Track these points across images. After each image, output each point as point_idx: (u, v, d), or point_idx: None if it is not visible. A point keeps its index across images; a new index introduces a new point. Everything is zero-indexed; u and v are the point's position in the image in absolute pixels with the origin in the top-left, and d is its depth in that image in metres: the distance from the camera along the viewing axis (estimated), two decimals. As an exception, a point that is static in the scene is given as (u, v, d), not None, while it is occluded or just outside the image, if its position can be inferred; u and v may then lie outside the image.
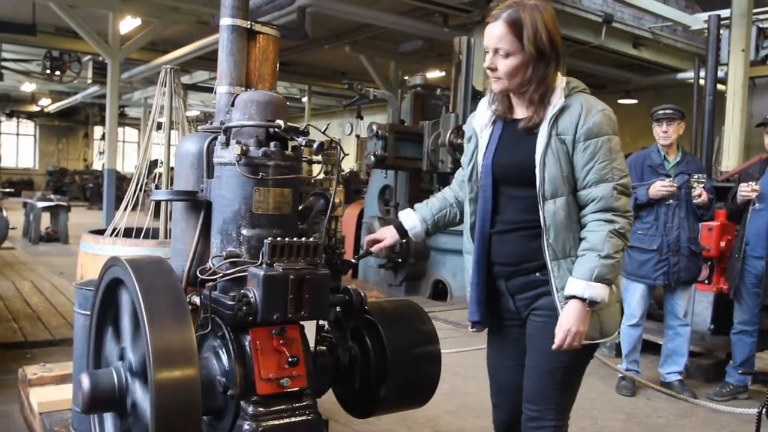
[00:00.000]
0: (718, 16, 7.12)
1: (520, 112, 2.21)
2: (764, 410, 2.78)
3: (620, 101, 16.16)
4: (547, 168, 2.09)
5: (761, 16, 10.15)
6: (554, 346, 2.08)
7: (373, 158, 7.57)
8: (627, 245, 2.14)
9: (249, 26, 2.58)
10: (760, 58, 9.73)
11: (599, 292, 2.05)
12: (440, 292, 7.91)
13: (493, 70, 2.14)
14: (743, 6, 8.65)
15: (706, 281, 5.36)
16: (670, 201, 4.52)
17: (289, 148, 2.44)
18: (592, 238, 2.08)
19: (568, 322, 2.06)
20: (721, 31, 8.48)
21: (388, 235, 2.56)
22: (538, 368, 2.21)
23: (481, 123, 2.28)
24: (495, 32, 2.11)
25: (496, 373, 2.45)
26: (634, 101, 16.29)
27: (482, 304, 2.29)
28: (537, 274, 2.19)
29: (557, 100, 2.12)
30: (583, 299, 2.05)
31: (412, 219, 2.54)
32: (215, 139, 2.47)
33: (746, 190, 4.40)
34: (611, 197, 2.08)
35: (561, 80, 2.16)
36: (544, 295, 2.18)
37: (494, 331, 2.43)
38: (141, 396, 2.16)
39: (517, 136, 2.18)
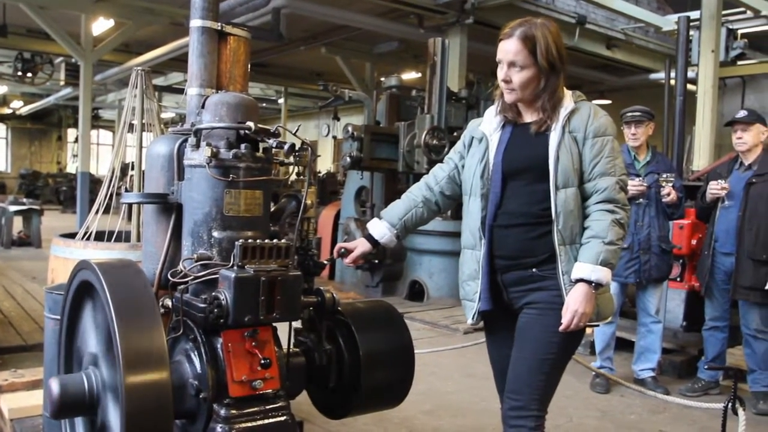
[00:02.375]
0: (688, 17, 7.22)
1: (529, 117, 2.42)
2: (730, 405, 2.83)
3: (594, 102, 16.29)
4: (561, 161, 2.29)
5: (731, 18, 10.34)
6: (562, 327, 2.23)
7: (348, 159, 7.56)
8: (625, 235, 2.35)
9: (219, 28, 2.58)
10: (729, 59, 9.91)
11: (604, 275, 2.24)
12: (417, 292, 7.93)
13: (508, 82, 2.34)
14: (713, 7, 8.79)
15: (678, 279, 5.44)
16: (641, 200, 4.59)
17: (261, 150, 2.44)
18: (597, 226, 2.27)
19: (575, 304, 2.22)
20: (692, 33, 8.61)
21: (359, 244, 2.60)
22: (528, 358, 2.31)
23: (490, 127, 2.47)
24: (510, 48, 2.31)
25: (497, 362, 2.55)
26: (608, 102, 16.45)
27: (492, 293, 2.42)
28: (534, 269, 2.34)
29: (568, 103, 2.36)
30: (589, 282, 2.22)
31: (380, 228, 2.61)
32: (186, 141, 2.46)
33: (716, 188, 4.47)
34: (614, 190, 2.29)
35: (566, 91, 2.41)
36: (538, 290, 2.33)
37: (492, 322, 2.54)
38: (112, 400, 2.14)
39: (528, 136, 2.38)
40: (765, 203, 4.36)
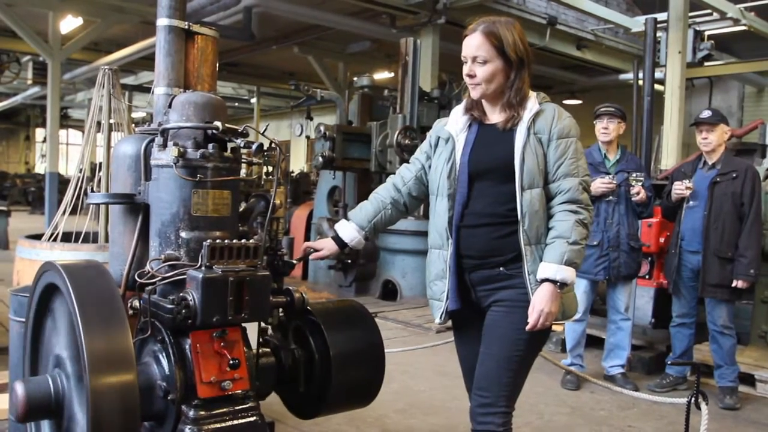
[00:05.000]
0: (655, 19, 7.33)
1: (494, 117, 2.42)
2: (693, 400, 2.88)
3: (565, 102, 16.49)
4: (526, 161, 2.30)
5: (698, 19, 10.50)
6: (528, 327, 2.25)
7: (321, 159, 7.55)
8: (589, 234, 2.37)
9: (186, 27, 2.56)
10: (696, 60, 10.06)
11: (569, 274, 2.27)
12: (390, 292, 7.94)
13: (472, 76, 2.35)
14: (680, 9, 8.93)
15: (647, 276, 5.51)
16: (610, 198, 4.64)
17: (229, 150, 2.43)
18: (561, 227, 2.30)
19: (541, 303, 2.24)
20: (660, 34, 8.73)
21: (326, 246, 2.60)
22: (496, 355, 2.32)
23: (457, 127, 2.46)
24: (473, 42, 2.34)
25: (466, 360, 2.56)
26: (579, 102, 16.63)
27: (460, 292, 2.43)
28: (501, 268, 2.36)
29: (533, 105, 2.37)
30: (554, 281, 2.25)
31: (349, 230, 2.59)
32: (153, 141, 2.44)
33: (680, 188, 4.54)
34: (577, 190, 2.32)
35: (531, 93, 2.42)
36: (505, 288, 2.36)
37: (460, 321, 2.56)
38: (78, 402, 2.12)
39: (494, 136, 2.40)
40: (729, 202, 4.44)
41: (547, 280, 2.26)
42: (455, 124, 2.48)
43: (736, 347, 4.60)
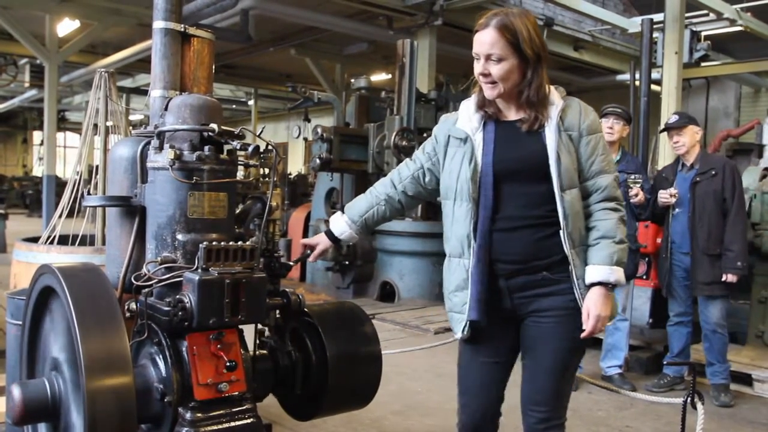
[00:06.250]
0: (651, 19, 7.34)
1: (511, 114, 2.28)
2: (689, 399, 2.89)
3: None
4: (562, 162, 2.18)
5: (694, 20, 10.53)
6: (585, 334, 2.17)
7: (318, 161, 7.55)
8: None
9: (182, 29, 2.57)
10: (693, 60, 10.08)
11: (620, 275, 2.19)
12: (388, 293, 7.94)
13: (486, 75, 2.20)
14: (676, 10, 8.95)
15: (644, 277, 5.53)
16: (607, 198, 4.64)
17: (225, 152, 2.43)
18: (604, 226, 2.21)
19: (596, 308, 2.15)
20: (656, 35, 8.75)
21: (320, 241, 2.57)
22: (550, 369, 2.25)
23: (471, 126, 2.30)
24: (486, 39, 2.17)
25: (467, 372, 2.43)
26: (576, 102, 16.63)
27: (483, 303, 2.26)
28: (545, 272, 2.23)
29: (558, 101, 2.25)
30: (606, 284, 2.17)
31: (340, 224, 2.55)
32: (149, 143, 2.44)
33: (665, 196, 4.58)
34: (613, 187, 2.25)
35: (551, 88, 2.28)
36: (550, 295, 2.23)
37: (477, 332, 2.35)
38: (74, 405, 2.12)
39: (517, 135, 2.25)
40: (711, 199, 4.49)
41: (599, 283, 2.17)
42: (469, 121, 2.31)
43: (727, 345, 4.62)
